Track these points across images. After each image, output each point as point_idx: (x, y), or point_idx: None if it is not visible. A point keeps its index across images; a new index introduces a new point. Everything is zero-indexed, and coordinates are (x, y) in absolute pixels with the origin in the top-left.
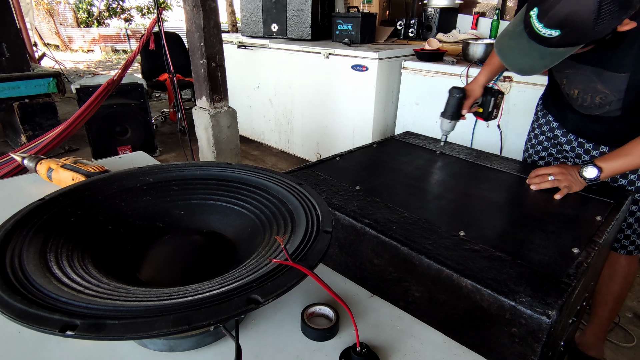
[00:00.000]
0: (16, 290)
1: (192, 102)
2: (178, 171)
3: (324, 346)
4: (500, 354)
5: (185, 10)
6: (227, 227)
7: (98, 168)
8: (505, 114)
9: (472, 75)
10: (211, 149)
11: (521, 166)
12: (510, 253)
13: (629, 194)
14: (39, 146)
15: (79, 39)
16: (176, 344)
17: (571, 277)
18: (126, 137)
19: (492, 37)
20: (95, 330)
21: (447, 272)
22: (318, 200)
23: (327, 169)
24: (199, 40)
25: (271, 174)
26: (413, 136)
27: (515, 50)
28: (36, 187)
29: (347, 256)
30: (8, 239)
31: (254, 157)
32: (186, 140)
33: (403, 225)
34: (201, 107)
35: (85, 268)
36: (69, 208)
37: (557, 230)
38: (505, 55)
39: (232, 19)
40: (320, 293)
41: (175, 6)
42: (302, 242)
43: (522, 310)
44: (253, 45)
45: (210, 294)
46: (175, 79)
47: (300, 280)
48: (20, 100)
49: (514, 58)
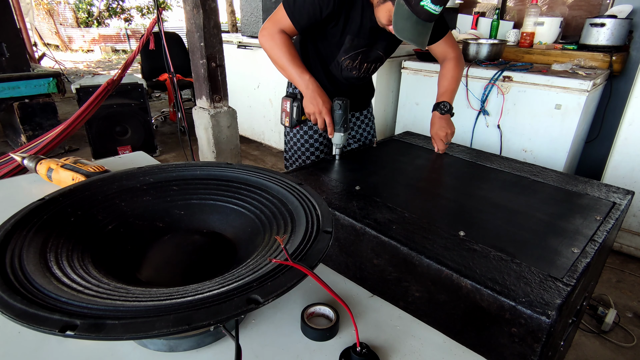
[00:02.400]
0: (16, 290)
1: (192, 102)
2: (178, 171)
3: (324, 346)
4: (500, 354)
5: (185, 10)
6: (227, 227)
7: (98, 168)
8: (505, 114)
9: (472, 75)
10: (211, 149)
11: (521, 166)
12: (510, 253)
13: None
14: (39, 146)
15: (79, 39)
16: (176, 344)
17: (571, 277)
18: (126, 137)
19: (492, 37)
20: (95, 330)
21: (447, 272)
22: (318, 200)
23: (327, 169)
24: (199, 40)
25: (271, 174)
26: (413, 136)
27: (420, 33)
28: (36, 187)
29: (347, 256)
30: (8, 239)
31: (254, 157)
32: (186, 140)
33: (403, 225)
34: (201, 107)
35: (85, 268)
36: (69, 208)
37: (557, 230)
38: (416, 40)
39: (232, 19)
40: (320, 293)
41: (175, 6)
42: (302, 242)
43: (521, 310)
44: (253, 45)
45: (210, 294)
46: (175, 79)
47: (300, 280)
48: (20, 100)
49: (423, 39)
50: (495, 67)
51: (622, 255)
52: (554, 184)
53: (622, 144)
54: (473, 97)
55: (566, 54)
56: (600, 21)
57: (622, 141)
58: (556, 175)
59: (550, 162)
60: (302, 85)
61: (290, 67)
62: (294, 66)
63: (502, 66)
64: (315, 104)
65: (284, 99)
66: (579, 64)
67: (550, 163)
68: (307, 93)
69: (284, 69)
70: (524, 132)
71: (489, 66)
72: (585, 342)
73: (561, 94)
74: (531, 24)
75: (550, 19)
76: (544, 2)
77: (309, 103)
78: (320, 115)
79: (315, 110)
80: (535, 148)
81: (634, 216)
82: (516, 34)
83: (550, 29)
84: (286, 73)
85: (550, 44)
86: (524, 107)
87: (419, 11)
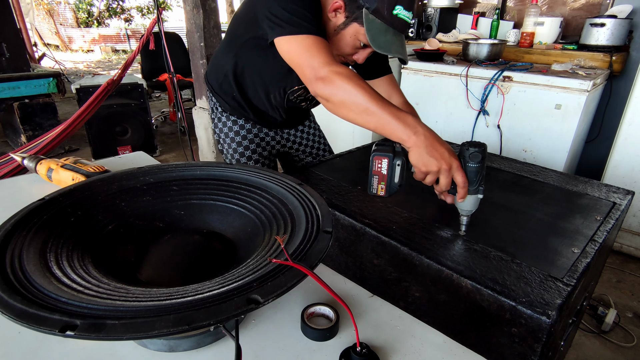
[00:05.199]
0: (16, 290)
1: (192, 102)
2: (178, 171)
3: (324, 346)
4: (500, 354)
5: (185, 10)
6: (227, 227)
7: (98, 168)
8: (505, 114)
9: (472, 75)
10: (211, 149)
11: (521, 166)
12: (510, 253)
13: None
14: (39, 146)
15: (79, 39)
16: (176, 344)
17: (571, 277)
18: (126, 137)
19: (492, 37)
20: (95, 330)
21: (447, 272)
22: (318, 200)
23: (327, 169)
24: (199, 40)
25: (271, 174)
26: None
27: (402, 45)
28: (36, 187)
29: (347, 256)
30: (8, 239)
31: None
32: (186, 140)
33: (403, 225)
34: (201, 107)
35: (85, 268)
36: (69, 208)
37: (557, 230)
38: (402, 52)
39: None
40: (320, 293)
41: (175, 6)
42: (302, 242)
43: (522, 310)
44: None
45: (211, 294)
46: (175, 79)
47: (300, 280)
48: (20, 101)
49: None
50: (495, 67)
51: (622, 255)
52: (554, 184)
53: (622, 144)
54: (473, 97)
55: (566, 54)
56: (600, 21)
57: (622, 141)
58: (556, 175)
59: (550, 162)
60: (409, 132)
61: (382, 111)
62: (388, 108)
63: (502, 66)
64: (438, 157)
65: (376, 158)
66: (579, 64)
67: (550, 163)
68: (421, 142)
69: (372, 115)
70: (524, 132)
71: (489, 66)
72: (585, 342)
73: (561, 94)
74: (531, 24)
75: (550, 19)
76: (544, 2)
77: (428, 157)
78: (447, 173)
79: (440, 167)
80: (535, 148)
81: (634, 216)
82: (516, 34)
83: (550, 29)
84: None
85: (550, 44)
86: (524, 107)
87: (394, 22)
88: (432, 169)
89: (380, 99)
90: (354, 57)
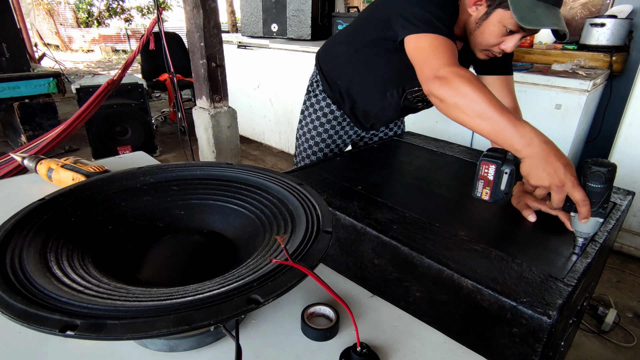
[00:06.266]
0: (16, 290)
1: (192, 102)
2: (178, 171)
3: (324, 346)
4: (500, 354)
5: (185, 10)
6: (227, 227)
7: (98, 168)
8: None
9: None
10: (211, 149)
11: None
12: (511, 253)
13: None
14: (39, 146)
15: (79, 39)
16: (176, 344)
17: (572, 277)
18: (126, 137)
19: None
20: (96, 330)
21: (447, 272)
22: (318, 200)
23: (327, 169)
24: (199, 40)
25: (271, 174)
26: (413, 136)
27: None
28: (36, 187)
29: (347, 256)
30: (8, 239)
31: (254, 157)
32: (186, 140)
33: (404, 225)
34: (201, 107)
35: (86, 268)
36: (69, 208)
37: (557, 230)
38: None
39: (232, 19)
40: (320, 293)
41: (175, 6)
42: (302, 242)
43: (522, 310)
44: (253, 45)
45: (211, 294)
46: (175, 79)
47: (300, 280)
48: (20, 100)
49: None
50: None
51: (622, 255)
52: None
53: (622, 144)
54: None
55: (566, 54)
56: (601, 21)
57: (622, 141)
58: None
59: None
60: (524, 142)
61: (499, 117)
62: (506, 115)
63: None
64: (551, 172)
65: (484, 163)
66: (579, 64)
67: None
68: (535, 154)
69: (487, 120)
70: None
71: None
72: (585, 342)
73: (561, 94)
74: None
75: None
76: None
77: (540, 171)
78: (559, 190)
79: (554, 182)
80: None
81: (634, 216)
82: None
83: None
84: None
85: (551, 44)
86: (524, 107)
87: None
88: (543, 184)
89: (499, 105)
90: (502, 46)
